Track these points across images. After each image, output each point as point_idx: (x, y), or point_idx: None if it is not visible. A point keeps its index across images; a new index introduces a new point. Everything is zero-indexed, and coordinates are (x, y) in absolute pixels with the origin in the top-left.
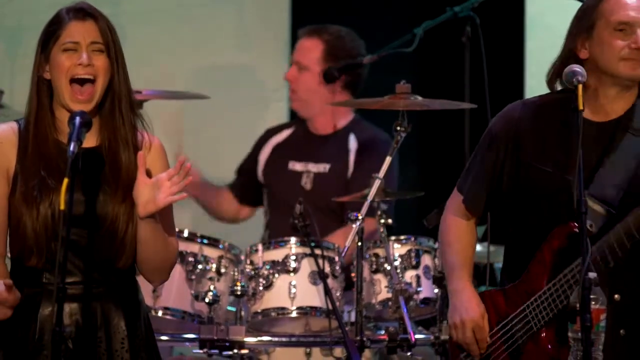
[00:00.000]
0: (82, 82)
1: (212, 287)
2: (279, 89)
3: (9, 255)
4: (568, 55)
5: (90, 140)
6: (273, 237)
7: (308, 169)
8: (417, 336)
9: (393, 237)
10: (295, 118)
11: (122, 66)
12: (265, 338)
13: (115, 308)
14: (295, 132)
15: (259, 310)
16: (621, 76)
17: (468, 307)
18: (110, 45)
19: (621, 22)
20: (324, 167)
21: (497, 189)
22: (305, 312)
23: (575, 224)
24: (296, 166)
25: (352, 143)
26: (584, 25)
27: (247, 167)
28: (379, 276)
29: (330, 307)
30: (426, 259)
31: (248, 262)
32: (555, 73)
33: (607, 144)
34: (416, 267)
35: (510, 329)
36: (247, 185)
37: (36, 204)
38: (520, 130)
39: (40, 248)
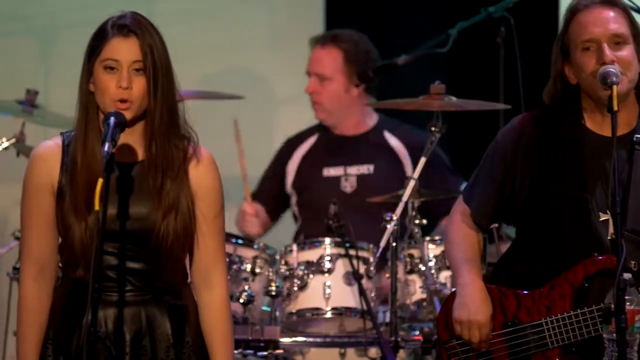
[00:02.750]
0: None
1: (246, 288)
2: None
3: (60, 265)
4: (555, 80)
5: (136, 155)
6: None
7: (347, 172)
8: None
9: (428, 238)
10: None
11: (163, 85)
12: (300, 338)
13: (161, 316)
14: (322, 138)
15: (294, 311)
16: (601, 98)
17: (478, 307)
18: (148, 66)
19: (585, 40)
20: (367, 169)
21: (509, 205)
22: (340, 312)
23: (612, 258)
24: (331, 172)
25: (393, 141)
26: (563, 50)
27: (271, 179)
28: (413, 277)
29: (365, 307)
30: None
31: (283, 262)
32: (550, 93)
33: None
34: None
35: (521, 336)
36: (272, 198)
37: (84, 216)
38: (531, 145)
39: (87, 260)
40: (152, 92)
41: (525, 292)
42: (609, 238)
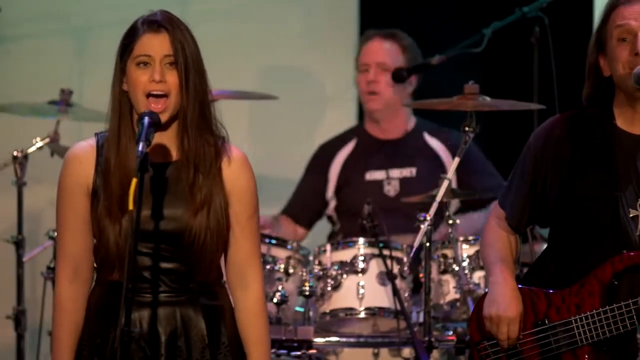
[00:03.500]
0: (157, 95)
1: (280, 288)
2: (347, 90)
3: (95, 266)
4: (589, 72)
5: (170, 155)
6: None
7: (389, 176)
8: None
9: (461, 238)
10: (361, 120)
11: (195, 80)
12: (334, 338)
13: (196, 316)
14: (362, 142)
15: (327, 311)
16: (629, 90)
17: (508, 304)
18: (180, 60)
19: (621, 30)
20: (409, 172)
21: (541, 205)
22: (374, 312)
23: None
24: (374, 175)
25: (434, 143)
26: (599, 42)
27: (309, 190)
28: (447, 277)
29: (398, 307)
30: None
31: (316, 262)
32: (585, 90)
33: None
34: (484, 268)
35: (551, 335)
36: (307, 206)
37: (118, 218)
38: (561, 146)
39: (122, 261)
40: (184, 87)
41: (556, 291)
42: (637, 234)
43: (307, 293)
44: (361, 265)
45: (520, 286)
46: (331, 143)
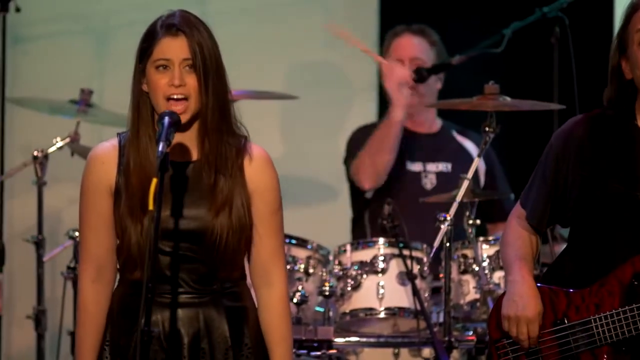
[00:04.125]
0: (177, 99)
1: (300, 287)
2: (367, 88)
3: (118, 267)
4: (612, 75)
5: (190, 154)
6: None
7: (426, 169)
8: None
9: (482, 238)
10: (381, 118)
11: (214, 82)
12: (354, 338)
13: (219, 317)
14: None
15: (347, 311)
16: None
17: (527, 303)
18: (198, 63)
19: None
20: (445, 167)
21: (562, 205)
22: (394, 312)
23: None
24: (413, 166)
25: (467, 143)
26: (621, 45)
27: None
28: (467, 277)
29: (418, 307)
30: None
31: (336, 262)
32: (606, 92)
33: None
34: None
35: (570, 334)
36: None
37: (140, 218)
38: (582, 145)
39: (144, 261)
40: (203, 89)
41: (575, 290)
42: None
43: (327, 293)
44: (381, 265)
45: (539, 285)
46: (367, 126)
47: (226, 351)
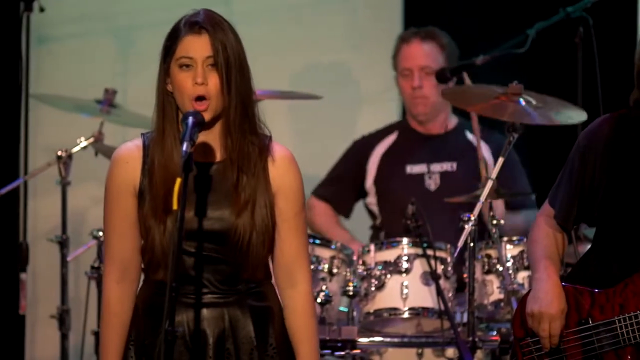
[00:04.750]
0: (200, 98)
1: (324, 287)
2: (390, 89)
3: (142, 267)
4: (638, 78)
5: (214, 155)
6: None
7: (430, 170)
8: None
9: (505, 238)
10: (403, 119)
11: (237, 80)
12: (377, 338)
13: (244, 318)
14: (403, 135)
15: (371, 311)
16: None
17: (550, 300)
18: (220, 61)
19: None
20: (450, 166)
21: (589, 204)
22: (417, 312)
23: None
24: (415, 169)
25: (475, 140)
26: None
27: (346, 176)
28: (491, 277)
29: (442, 307)
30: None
31: (360, 262)
32: (633, 95)
33: None
34: (528, 268)
35: (594, 334)
36: (344, 195)
37: (164, 218)
38: (608, 145)
39: (168, 262)
40: (225, 88)
41: (600, 290)
42: None
43: (350, 293)
44: (405, 265)
45: (564, 284)
46: (373, 134)
47: (251, 351)
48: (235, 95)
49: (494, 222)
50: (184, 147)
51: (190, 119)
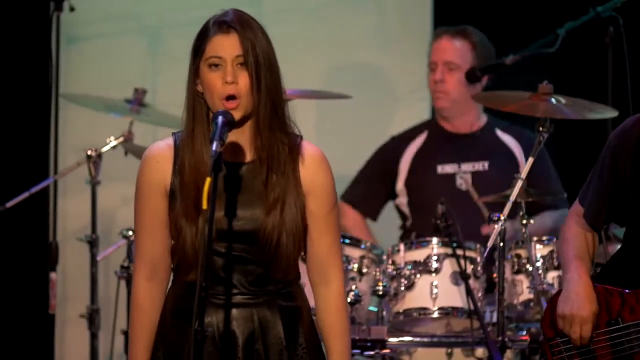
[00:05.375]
0: (230, 97)
1: (353, 287)
2: (420, 89)
3: (172, 267)
4: None
5: (245, 155)
6: None
7: (462, 169)
8: None
9: (535, 238)
10: (432, 118)
11: (267, 79)
12: (407, 338)
13: (273, 318)
14: (433, 135)
15: (401, 311)
16: None
17: (582, 302)
18: (250, 60)
19: None
20: (482, 165)
21: (619, 204)
22: (447, 312)
23: None
24: (446, 168)
25: (509, 140)
26: None
27: (375, 179)
28: (520, 277)
29: (472, 307)
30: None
31: (390, 262)
32: None
33: None
34: (558, 268)
35: (624, 334)
36: (373, 198)
37: (195, 218)
38: (637, 143)
39: (198, 263)
40: (255, 87)
41: (630, 291)
42: None
43: (380, 293)
44: (435, 265)
45: (595, 285)
46: (402, 135)
47: (281, 352)
48: (265, 93)
49: (524, 221)
50: (214, 147)
51: (220, 119)
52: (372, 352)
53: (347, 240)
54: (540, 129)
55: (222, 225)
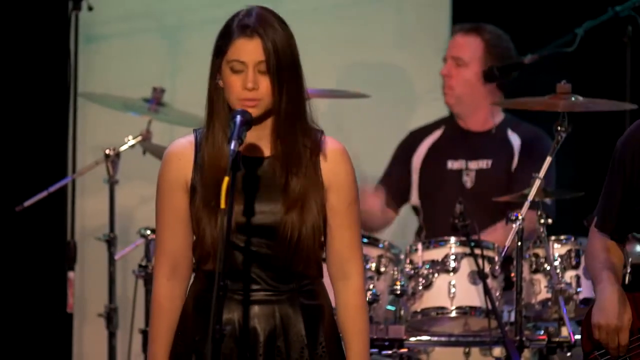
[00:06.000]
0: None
1: (371, 286)
2: (437, 88)
3: (194, 260)
4: None
5: (264, 150)
6: (430, 236)
7: (468, 167)
8: (577, 337)
9: (553, 237)
10: (450, 114)
11: (289, 81)
12: (425, 337)
13: (295, 316)
14: (448, 131)
15: (418, 310)
16: None
17: (616, 311)
18: (271, 66)
19: None
20: (485, 164)
21: (633, 208)
22: (465, 311)
23: None
24: (454, 165)
25: (515, 138)
26: None
27: (394, 171)
28: (538, 276)
29: (489, 307)
30: (584, 262)
31: (408, 261)
32: None
33: None
34: (576, 267)
35: None
36: (394, 188)
37: (215, 213)
38: None
39: (218, 255)
40: (276, 91)
41: None
42: None
43: (398, 292)
44: (452, 264)
45: (625, 291)
46: (420, 130)
47: (302, 349)
48: (286, 96)
49: (542, 221)
50: (232, 146)
51: (238, 118)
52: (389, 352)
53: (365, 240)
54: (559, 128)
55: (242, 219)
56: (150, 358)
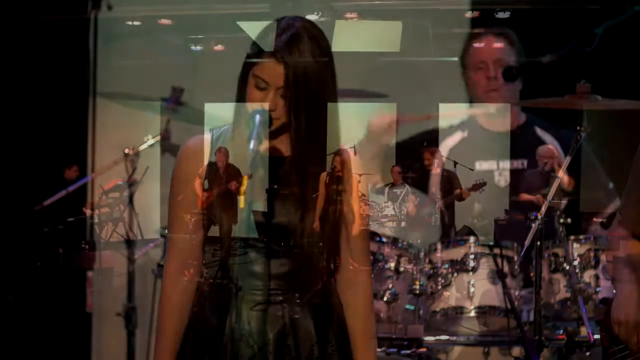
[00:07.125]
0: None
1: (390, 286)
2: (454, 88)
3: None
4: None
5: (281, 152)
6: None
7: (500, 166)
8: (596, 336)
9: (572, 237)
10: (472, 116)
11: (310, 105)
12: (444, 337)
13: (305, 315)
14: (473, 133)
15: (438, 309)
16: None
17: (635, 306)
18: (292, 93)
19: None
20: (521, 163)
21: None
22: (484, 311)
23: None
24: (484, 165)
25: (547, 137)
26: None
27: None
28: (557, 276)
29: (508, 306)
30: (605, 259)
31: (427, 261)
32: None
33: None
34: (595, 266)
35: None
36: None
37: (229, 211)
38: None
39: (231, 254)
40: (294, 113)
41: None
42: None
43: (417, 291)
44: (472, 263)
45: None
46: (442, 131)
47: (312, 347)
48: (305, 113)
49: (561, 220)
50: (251, 146)
51: (258, 118)
52: (408, 351)
53: (384, 239)
54: (578, 128)
55: (257, 218)
56: (157, 353)
